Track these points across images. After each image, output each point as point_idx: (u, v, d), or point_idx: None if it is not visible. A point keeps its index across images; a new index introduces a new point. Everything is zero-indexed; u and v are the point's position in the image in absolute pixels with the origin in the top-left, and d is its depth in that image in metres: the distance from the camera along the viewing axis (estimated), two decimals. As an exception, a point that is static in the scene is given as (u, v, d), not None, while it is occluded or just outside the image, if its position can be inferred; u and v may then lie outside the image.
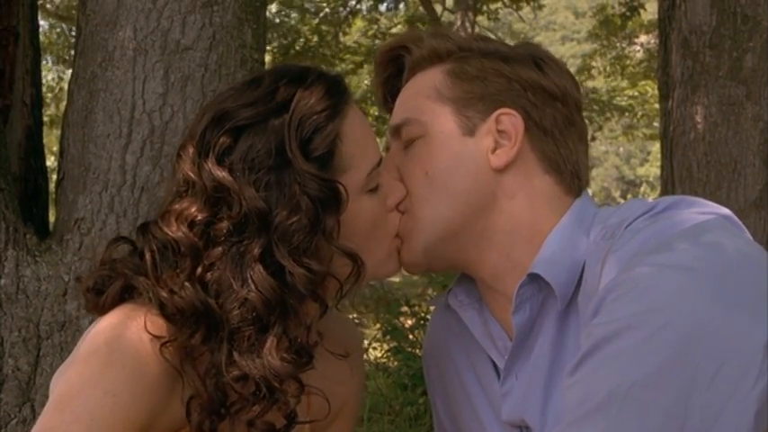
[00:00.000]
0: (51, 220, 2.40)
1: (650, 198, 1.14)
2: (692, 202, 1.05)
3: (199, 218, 1.03)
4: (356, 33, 14.21)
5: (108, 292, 1.06)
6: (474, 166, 1.13)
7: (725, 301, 0.88)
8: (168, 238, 1.03)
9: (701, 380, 0.85)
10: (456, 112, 1.15)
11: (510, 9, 14.24)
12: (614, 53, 14.33)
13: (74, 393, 0.95)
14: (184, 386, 1.01)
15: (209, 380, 1.00)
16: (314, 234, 1.02)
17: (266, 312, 1.00)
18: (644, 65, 13.90)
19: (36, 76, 2.52)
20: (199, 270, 1.02)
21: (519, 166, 1.14)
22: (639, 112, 14.81)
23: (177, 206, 1.05)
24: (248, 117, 1.05)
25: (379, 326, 5.69)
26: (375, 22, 13.81)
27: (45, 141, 2.61)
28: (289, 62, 8.08)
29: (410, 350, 5.17)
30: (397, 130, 1.20)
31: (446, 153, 1.14)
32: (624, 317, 0.90)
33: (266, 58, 2.73)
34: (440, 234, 1.14)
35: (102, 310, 1.06)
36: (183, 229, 1.03)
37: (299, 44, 12.77)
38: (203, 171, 1.03)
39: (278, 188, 1.03)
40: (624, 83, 14.84)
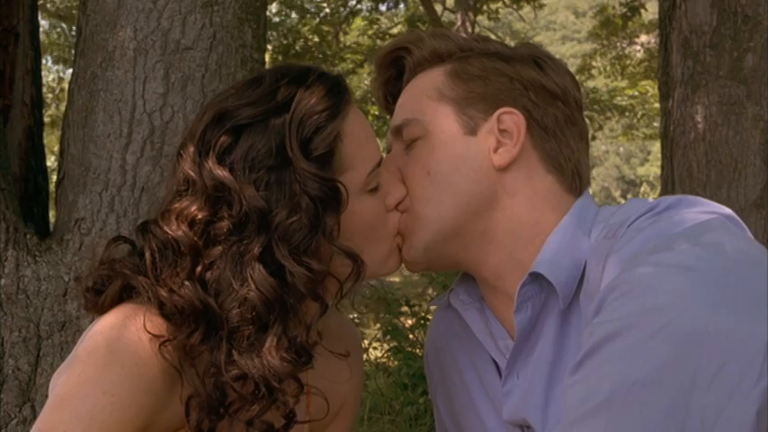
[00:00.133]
0: (51, 220, 2.40)
1: (650, 198, 1.14)
2: (693, 201, 1.05)
3: (199, 217, 1.03)
4: (356, 33, 14.21)
5: (107, 291, 1.06)
6: (476, 165, 1.13)
7: (726, 301, 0.87)
8: (168, 237, 1.03)
9: (701, 379, 0.85)
10: (457, 111, 1.15)
11: (510, 9, 14.24)
12: (614, 53, 14.32)
13: (73, 393, 0.95)
14: (183, 385, 1.01)
15: (208, 379, 1.00)
16: (314, 233, 1.02)
17: (266, 312, 1.00)
18: (644, 65, 13.90)
19: (36, 76, 2.52)
20: (198, 269, 1.02)
21: (521, 166, 1.14)
22: (640, 111, 14.81)
23: (177, 205, 1.05)
24: (249, 116, 1.05)
25: (379, 326, 5.69)
26: (375, 21, 13.80)
27: (45, 141, 2.61)
28: (289, 62, 8.08)
29: (410, 350, 5.16)
30: (398, 131, 1.19)
31: (448, 153, 1.14)
32: (625, 316, 0.89)
33: (266, 57, 2.72)
34: (442, 233, 1.14)
35: (102, 310, 1.06)
36: (183, 228, 1.03)
37: (299, 44, 12.77)
38: (204, 170, 1.03)
39: (278, 187, 1.02)
40: (624, 83, 14.83)
